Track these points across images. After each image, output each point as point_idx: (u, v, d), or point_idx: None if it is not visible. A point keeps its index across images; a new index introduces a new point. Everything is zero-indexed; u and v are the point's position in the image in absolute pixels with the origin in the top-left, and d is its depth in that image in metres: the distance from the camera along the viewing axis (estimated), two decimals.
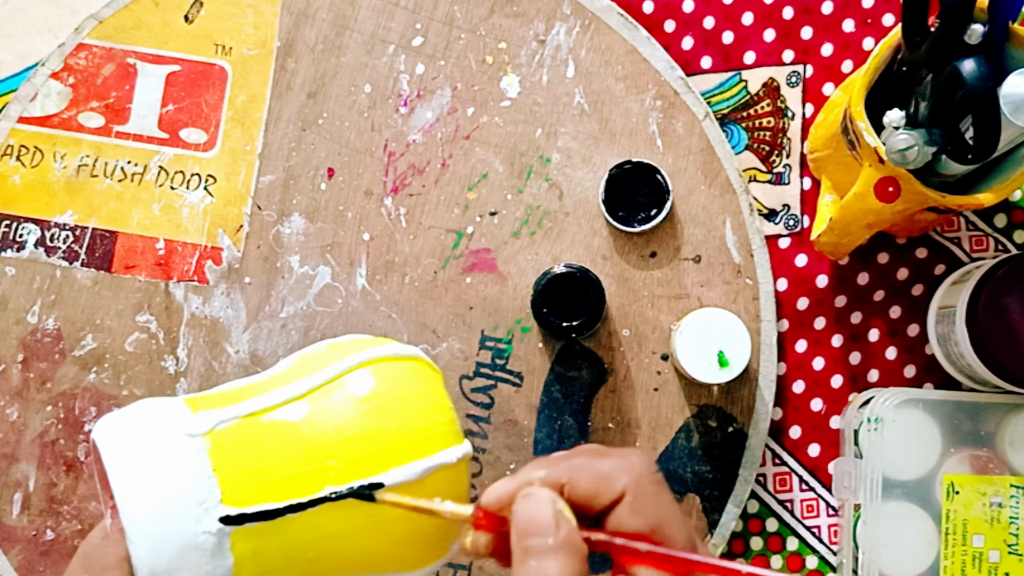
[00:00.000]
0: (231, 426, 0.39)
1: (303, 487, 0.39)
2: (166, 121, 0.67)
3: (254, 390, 0.42)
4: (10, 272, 0.66)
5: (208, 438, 0.39)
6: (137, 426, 0.39)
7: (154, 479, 0.37)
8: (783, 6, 0.68)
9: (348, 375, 0.41)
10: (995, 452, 0.62)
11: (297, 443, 0.39)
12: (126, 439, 0.38)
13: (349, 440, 0.39)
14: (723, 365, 0.61)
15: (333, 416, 0.40)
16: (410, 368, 0.42)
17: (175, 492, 0.37)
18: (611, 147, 0.66)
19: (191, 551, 0.37)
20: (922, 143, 0.53)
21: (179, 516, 0.37)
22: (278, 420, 0.40)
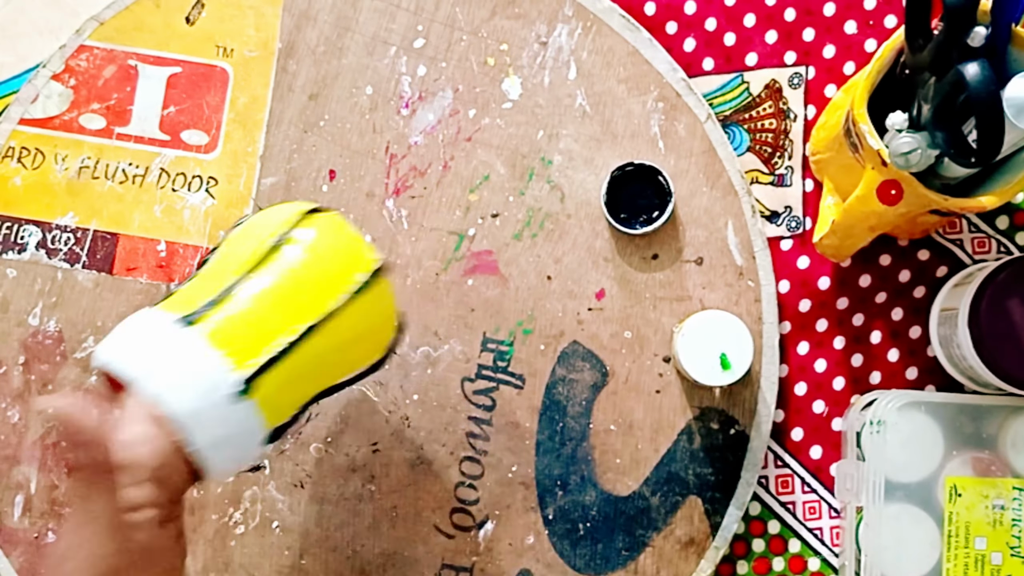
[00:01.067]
0: (215, 310, 0.48)
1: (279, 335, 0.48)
2: (167, 123, 0.67)
3: (213, 278, 0.50)
4: (11, 274, 0.66)
5: (200, 326, 0.47)
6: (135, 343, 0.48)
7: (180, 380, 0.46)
8: (785, 8, 0.68)
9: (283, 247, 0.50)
10: (997, 454, 0.62)
11: (264, 309, 0.48)
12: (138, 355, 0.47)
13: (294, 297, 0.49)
14: (725, 367, 0.61)
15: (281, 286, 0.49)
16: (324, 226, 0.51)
17: (198, 382, 0.46)
18: (613, 149, 0.66)
19: (227, 418, 0.47)
20: (925, 146, 0.53)
21: (207, 396, 0.46)
22: (248, 293, 0.49)
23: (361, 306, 0.50)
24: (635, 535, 0.65)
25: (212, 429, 0.46)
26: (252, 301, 0.48)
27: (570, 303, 0.66)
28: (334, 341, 0.50)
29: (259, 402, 0.48)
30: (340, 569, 0.65)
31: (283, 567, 0.65)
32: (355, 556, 0.65)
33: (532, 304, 0.66)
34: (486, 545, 0.65)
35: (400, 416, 0.65)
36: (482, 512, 0.65)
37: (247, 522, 0.65)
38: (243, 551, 0.65)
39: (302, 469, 0.65)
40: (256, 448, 0.49)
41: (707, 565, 0.65)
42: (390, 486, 0.65)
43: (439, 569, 0.65)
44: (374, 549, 0.65)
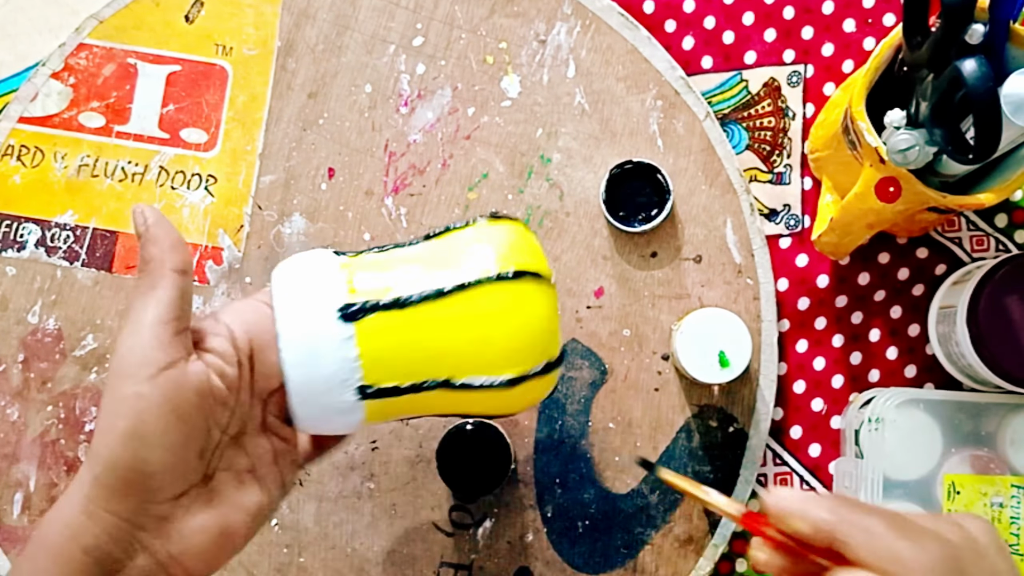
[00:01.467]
0: (380, 315, 0.47)
1: (427, 371, 0.48)
2: (167, 121, 0.67)
3: (403, 269, 0.49)
4: (11, 272, 0.66)
5: (358, 326, 0.46)
6: (303, 299, 0.47)
7: (311, 359, 0.46)
8: (784, 6, 0.68)
9: (478, 288, 0.48)
10: (996, 452, 0.62)
11: (427, 338, 0.47)
12: (293, 312, 0.46)
13: (468, 344, 0.48)
14: (724, 365, 0.61)
15: (458, 323, 0.48)
16: (532, 290, 0.49)
17: (326, 371, 0.46)
18: (612, 147, 0.66)
19: (333, 410, 0.47)
20: (923, 143, 0.53)
21: (328, 389, 0.46)
22: (418, 314, 0.47)
23: (519, 389, 0.49)
24: (634, 533, 0.65)
25: (311, 407, 0.46)
26: (423, 326, 0.47)
27: (569, 301, 0.66)
28: (472, 400, 0.49)
29: (367, 409, 0.47)
30: (339, 567, 0.65)
31: (282, 565, 0.65)
32: (354, 554, 0.65)
33: None
34: (485, 543, 0.65)
35: None
36: (481, 510, 0.65)
37: None
38: None
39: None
40: (344, 431, 0.49)
41: (706, 563, 0.65)
42: (389, 484, 0.65)
43: (438, 567, 0.65)
44: (373, 547, 0.65)
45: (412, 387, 0.48)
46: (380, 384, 0.47)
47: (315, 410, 0.47)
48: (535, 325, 0.48)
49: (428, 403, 0.49)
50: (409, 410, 0.49)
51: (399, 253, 0.50)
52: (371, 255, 0.50)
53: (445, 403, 0.49)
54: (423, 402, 0.49)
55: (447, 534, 0.65)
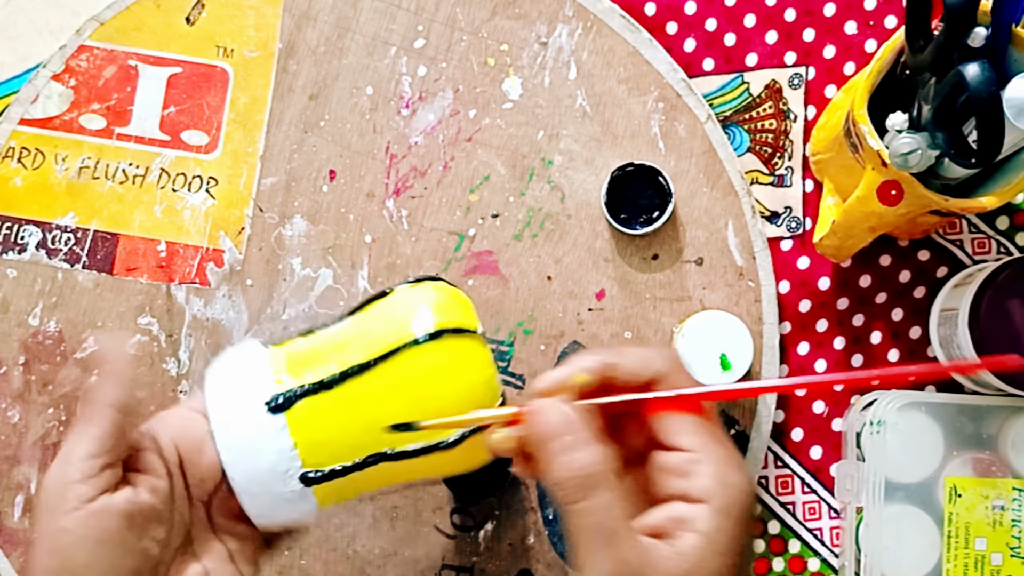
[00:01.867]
0: (307, 402, 0.47)
1: (367, 446, 0.47)
2: (167, 123, 0.67)
3: (325, 353, 0.49)
4: (11, 274, 0.66)
5: (288, 415, 0.47)
6: (232, 400, 0.48)
7: (248, 455, 0.46)
8: (785, 8, 0.68)
9: (403, 353, 0.48)
10: (997, 455, 0.62)
11: (360, 413, 0.47)
12: (225, 413, 0.47)
13: (402, 411, 0.47)
14: (725, 367, 0.61)
15: (388, 392, 0.47)
16: (456, 346, 0.49)
17: (265, 465, 0.46)
18: (613, 149, 0.66)
19: (283, 500, 0.47)
20: (925, 146, 0.53)
21: (271, 481, 0.46)
22: (345, 392, 0.47)
23: (464, 446, 0.48)
24: None
25: (260, 501, 0.47)
26: (353, 403, 0.47)
27: (570, 303, 0.66)
28: (420, 466, 0.49)
29: (316, 494, 0.48)
30: (340, 569, 0.65)
31: (283, 567, 0.65)
32: (355, 556, 0.65)
33: (532, 304, 0.66)
34: (486, 545, 0.65)
35: None
36: (482, 512, 0.65)
37: None
38: None
39: None
40: (304, 522, 0.49)
41: None
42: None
43: (439, 569, 0.65)
44: (374, 549, 0.65)
45: (354, 466, 0.47)
46: (321, 468, 0.47)
47: (265, 503, 0.47)
48: (464, 380, 0.48)
49: (378, 477, 0.49)
50: (363, 486, 0.49)
51: (323, 335, 0.50)
52: (297, 343, 0.50)
53: (396, 474, 0.49)
54: (372, 477, 0.48)
55: (448, 536, 0.65)
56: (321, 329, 0.51)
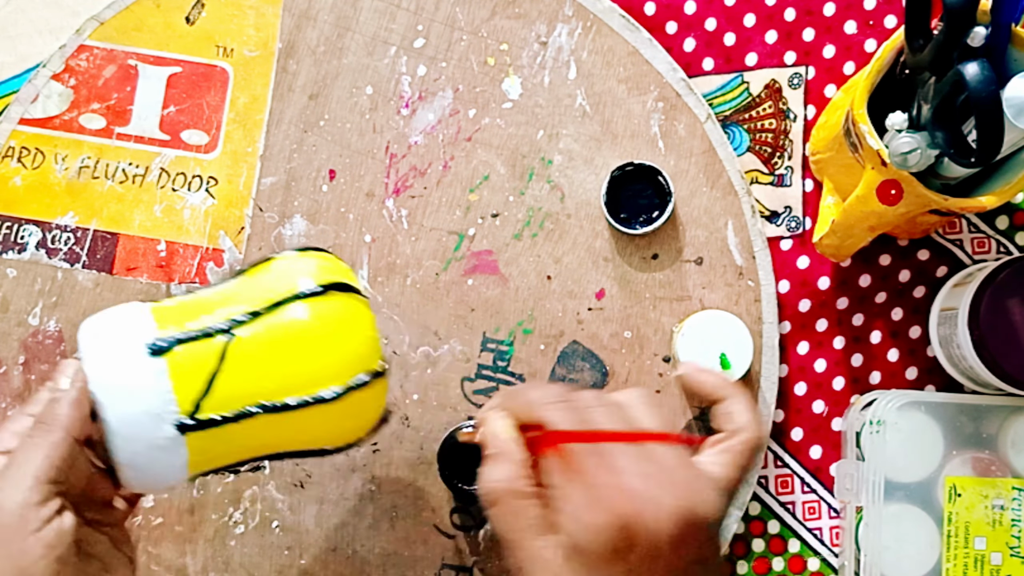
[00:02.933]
0: (188, 347, 0.47)
1: (245, 398, 0.47)
2: (167, 123, 0.67)
3: (210, 306, 0.49)
4: (11, 274, 0.66)
5: (168, 359, 0.47)
6: (111, 342, 0.47)
7: (124, 396, 0.46)
8: (785, 8, 0.68)
9: (288, 306, 0.48)
10: (997, 454, 0.62)
11: (241, 363, 0.47)
12: (102, 355, 0.47)
13: (284, 363, 0.48)
14: (725, 367, 0.61)
15: (271, 343, 0.48)
16: (343, 302, 0.50)
17: (141, 407, 0.46)
18: (613, 149, 0.66)
19: (155, 449, 0.46)
20: (925, 146, 0.53)
21: (145, 424, 0.46)
22: (227, 342, 0.48)
23: (346, 404, 0.49)
24: None
25: (133, 445, 0.46)
26: (233, 353, 0.47)
27: (570, 303, 0.66)
28: (301, 425, 0.49)
29: (190, 447, 0.47)
30: (340, 569, 0.65)
31: (283, 567, 0.65)
32: (355, 556, 0.65)
33: (532, 304, 0.66)
34: (486, 545, 0.65)
35: (400, 416, 0.65)
36: (482, 512, 0.65)
37: (247, 522, 0.65)
38: (243, 551, 0.65)
39: (302, 469, 0.65)
40: (173, 481, 0.48)
41: None
42: (390, 486, 0.65)
43: (439, 569, 0.65)
44: (374, 549, 0.65)
45: (234, 416, 0.47)
46: (199, 416, 0.47)
47: (138, 450, 0.46)
48: (350, 336, 0.49)
49: (255, 436, 0.48)
50: (237, 448, 0.49)
51: (207, 291, 0.51)
52: (180, 297, 0.51)
53: (274, 432, 0.49)
54: (249, 435, 0.48)
55: (448, 536, 0.65)
56: (205, 288, 0.52)
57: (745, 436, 0.50)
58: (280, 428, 0.49)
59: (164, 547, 0.64)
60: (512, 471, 0.45)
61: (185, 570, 0.64)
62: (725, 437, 0.50)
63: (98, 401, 0.46)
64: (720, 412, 0.52)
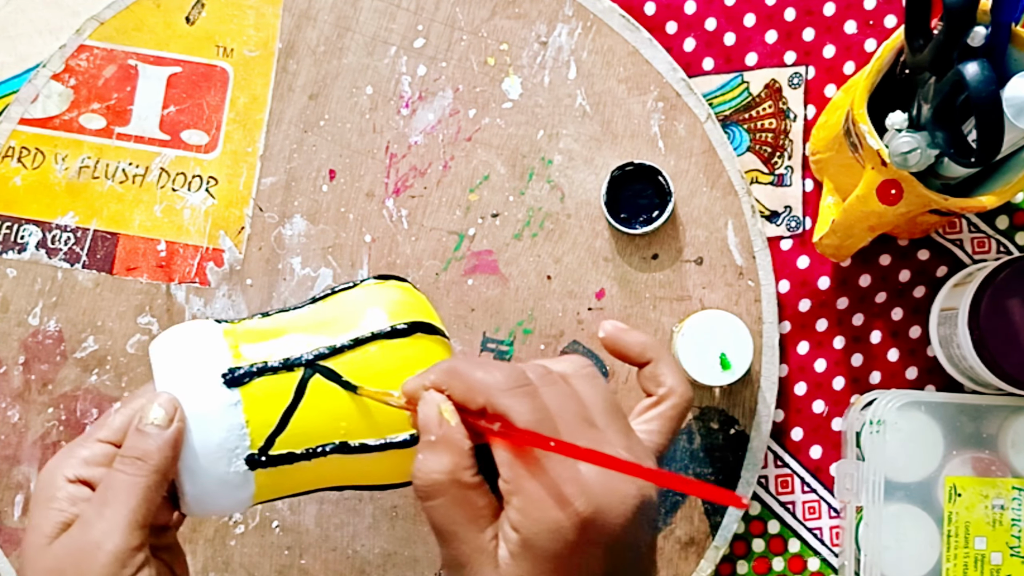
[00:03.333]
0: (265, 380, 0.46)
1: (317, 437, 0.46)
2: (167, 123, 0.67)
3: (285, 333, 0.48)
4: (11, 274, 0.66)
5: (244, 391, 0.45)
6: (186, 369, 0.46)
7: (197, 429, 0.44)
8: (785, 7, 0.68)
9: (371, 344, 0.47)
10: (997, 454, 0.62)
11: (318, 400, 0.46)
12: (177, 383, 0.45)
13: (361, 403, 0.46)
14: (725, 367, 0.61)
15: (355, 379, 0.46)
16: (425, 345, 0.48)
17: (214, 441, 0.44)
18: (613, 149, 0.66)
19: (222, 483, 0.45)
20: (925, 146, 0.53)
21: (217, 459, 0.45)
22: (307, 377, 0.46)
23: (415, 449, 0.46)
24: None
25: (202, 479, 0.45)
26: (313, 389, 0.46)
27: (570, 303, 0.66)
28: (370, 465, 0.47)
29: (257, 481, 0.46)
30: (340, 569, 0.65)
31: (283, 566, 0.65)
32: (355, 556, 0.65)
33: (532, 304, 0.66)
34: None
35: None
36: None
37: (247, 521, 0.65)
38: (243, 550, 0.65)
39: None
40: (236, 509, 0.47)
41: (707, 565, 0.65)
42: None
43: (439, 569, 0.65)
44: (374, 549, 0.65)
45: (306, 453, 0.46)
46: (271, 451, 0.45)
47: (205, 484, 0.45)
48: None
49: (323, 471, 0.47)
50: (302, 482, 0.47)
51: (285, 317, 0.49)
52: (255, 321, 0.49)
53: (342, 470, 0.47)
54: (318, 471, 0.47)
55: None
56: (281, 312, 0.50)
57: (674, 400, 0.47)
58: (349, 467, 0.47)
59: None
60: (456, 461, 0.41)
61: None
62: (655, 402, 0.48)
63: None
64: (646, 375, 0.48)
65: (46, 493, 0.44)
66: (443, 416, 0.42)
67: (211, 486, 0.45)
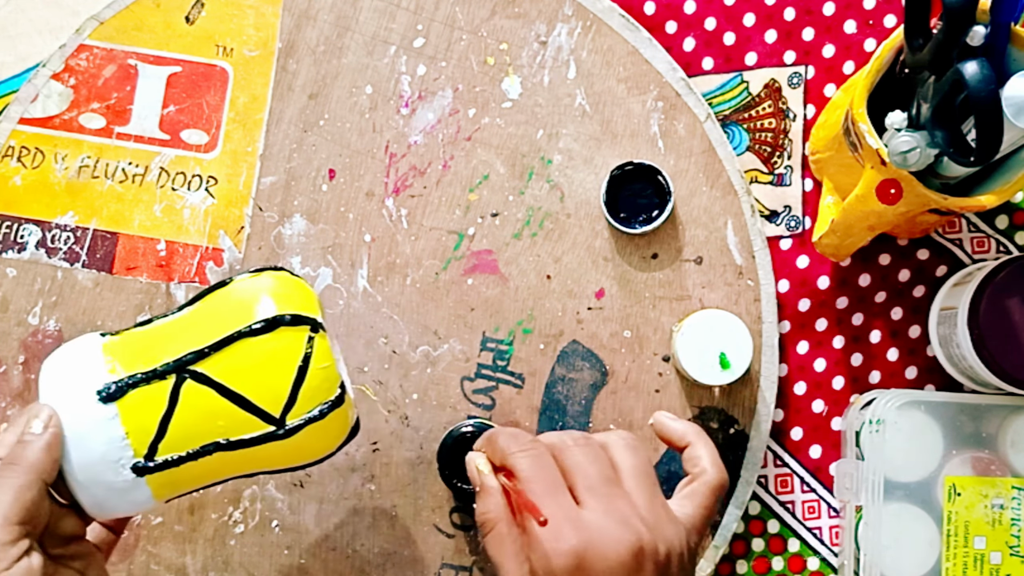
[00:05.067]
0: (139, 391, 0.48)
1: (198, 438, 0.48)
2: (167, 122, 0.67)
3: (160, 340, 0.49)
4: (11, 273, 0.66)
5: (120, 404, 0.47)
6: (65, 388, 0.48)
7: (79, 444, 0.47)
8: (784, 7, 0.68)
9: (237, 343, 0.48)
10: (997, 454, 0.62)
11: (193, 403, 0.48)
12: (58, 402, 0.48)
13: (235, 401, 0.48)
14: (724, 367, 0.61)
15: (227, 379, 0.48)
16: (292, 335, 0.49)
17: (96, 454, 0.47)
18: (612, 148, 0.66)
19: (116, 491, 0.47)
20: (924, 145, 0.53)
21: (102, 471, 0.47)
22: (177, 383, 0.48)
23: (304, 435, 0.49)
24: None
25: (93, 488, 0.47)
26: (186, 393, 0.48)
27: (570, 302, 0.66)
28: (260, 455, 0.49)
29: (150, 483, 0.48)
30: (339, 568, 0.65)
31: (282, 566, 0.65)
32: (355, 555, 0.65)
33: (532, 303, 0.66)
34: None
35: (399, 415, 0.65)
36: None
37: (246, 521, 0.65)
38: (242, 550, 0.65)
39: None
40: (142, 510, 0.50)
41: (707, 564, 0.65)
42: (390, 485, 0.65)
43: (439, 568, 0.65)
44: (373, 548, 0.65)
45: (189, 455, 0.48)
46: (156, 457, 0.47)
47: (99, 494, 0.47)
48: (300, 371, 0.48)
49: (215, 466, 0.49)
50: (198, 477, 0.49)
51: (161, 323, 0.50)
52: (134, 331, 0.50)
53: (233, 464, 0.49)
54: (209, 466, 0.49)
55: (448, 536, 0.65)
56: (159, 318, 0.51)
57: (707, 478, 0.53)
58: (239, 459, 0.49)
59: (164, 546, 0.64)
60: (498, 502, 0.50)
61: (185, 569, 0.64)
62: (690, 480, 0.54)
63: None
64: (686, 457, 0.55)
65: None
66: (479, 470, 0.52)
67: (103, 494, 0.47)
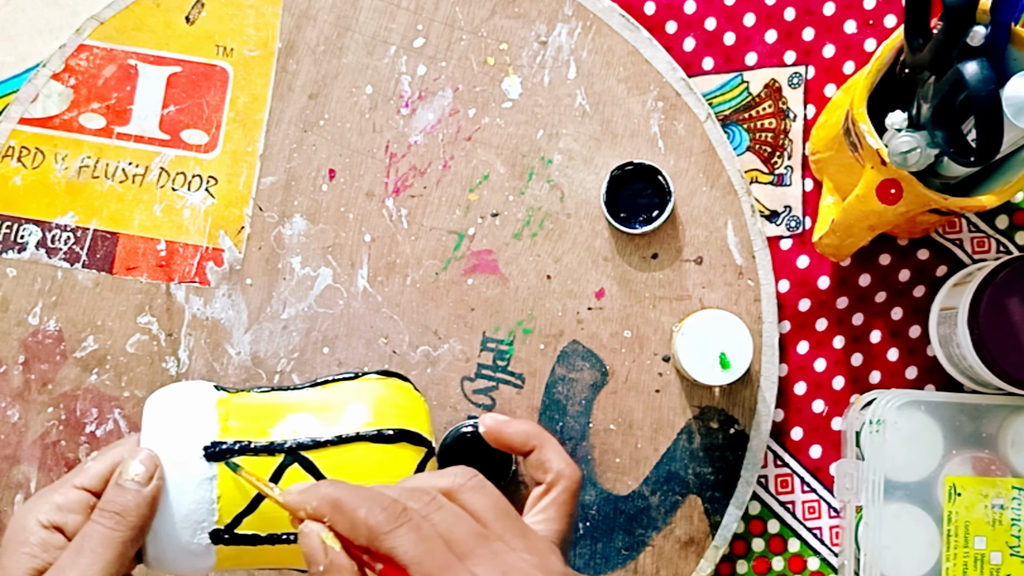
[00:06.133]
0: (246, 459, 0.47)
1: (284, 523, 0.46)
2: (167, 122, 0.67)
3: (277, 415, 0.48)
4: (11, 273, 0.66)
5: (222, 467, 0.46)
6: (172, 434, 0.47)
7: (169, 496, 0.46)
8: (785, 7, 0.68)
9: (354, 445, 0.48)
10: (997, 454, 0.62)
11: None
12: (161, 446, 0.46)
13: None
14: (725, 367, 0.61)
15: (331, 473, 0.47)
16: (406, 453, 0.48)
17: (183, 510, 0.46)
18: (613, 148, 0.66)
19: (185, 551, 0.46)
20: (924, 145, 0.53)
21: (182, 529, 0.46)
22: (286, 464, 0.47)
23: None
24: (635, 534, 0.65)
25: (165, 544, 0.46)
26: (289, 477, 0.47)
27: (570, 302, 0.66)
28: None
29: (219, 554, 0.47)
30: None
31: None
32: None
33: (532, 303, 0.66)
34: None
35: None
36: None
37: None
38: None
39: None
40: (196, 573, 0.48)
41: (707, 564, 0.65)
42: None
43: None
44: None
45: (269, 537, 0.47)
46: (236, 530, 0.46)
47: (167, 550, 0.46)
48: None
49: (285, 555, 0.48)
50: (263, 560, 0.48)
51: (281, 396, 0.50)
52: (252, 395, 0.49)
53: (297, 559, 0.48)
54: (279, 554, 0.48)
55: None
56: (280, 390, 0.51)
57: (566, 484, 0.47)
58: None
59: None
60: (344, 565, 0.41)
61: None
62: (545, 490, 0.48)
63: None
64: (532, 463, 0.49)
65: (19, 537, 0.45)
66: (326, 545, 0.41)
67: (172, 551, 0.46)
